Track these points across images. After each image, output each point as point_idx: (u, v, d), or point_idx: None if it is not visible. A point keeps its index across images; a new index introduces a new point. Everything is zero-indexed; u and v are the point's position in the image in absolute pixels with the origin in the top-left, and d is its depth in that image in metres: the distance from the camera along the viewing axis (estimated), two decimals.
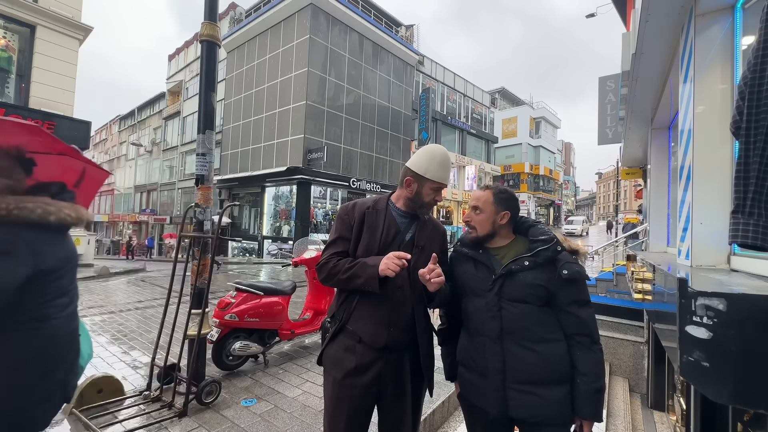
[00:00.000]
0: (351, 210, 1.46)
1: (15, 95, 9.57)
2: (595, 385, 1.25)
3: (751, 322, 1.15)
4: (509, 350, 1.29)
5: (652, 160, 4.41)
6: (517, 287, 1.30)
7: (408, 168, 1.45)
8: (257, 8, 19.52)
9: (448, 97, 25.47)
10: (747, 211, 1.16)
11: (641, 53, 2.79)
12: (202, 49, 2.84)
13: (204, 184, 2.80)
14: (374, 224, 1.42)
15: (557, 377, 1.27)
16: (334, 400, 1.36)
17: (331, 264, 1.38)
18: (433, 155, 1.43)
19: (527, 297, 1.29)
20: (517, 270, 1.30)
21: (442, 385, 3.01)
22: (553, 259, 1.30)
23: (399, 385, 1.38)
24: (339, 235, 1.44)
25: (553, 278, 1.29)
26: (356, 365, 1.33)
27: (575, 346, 1.29)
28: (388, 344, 1.35)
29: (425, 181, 1.42)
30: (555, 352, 1.27)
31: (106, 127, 38.86)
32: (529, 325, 1.28)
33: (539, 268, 1.30)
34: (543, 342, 1.28)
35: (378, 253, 1.37)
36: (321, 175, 15.69)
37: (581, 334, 1.28)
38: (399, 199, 1.49)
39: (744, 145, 1.17)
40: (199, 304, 2.65)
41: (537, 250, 1.31)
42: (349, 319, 1.38)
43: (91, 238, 10.58)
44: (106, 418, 2.38)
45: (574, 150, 58.93)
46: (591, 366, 1.26)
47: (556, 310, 1.30)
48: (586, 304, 1.31)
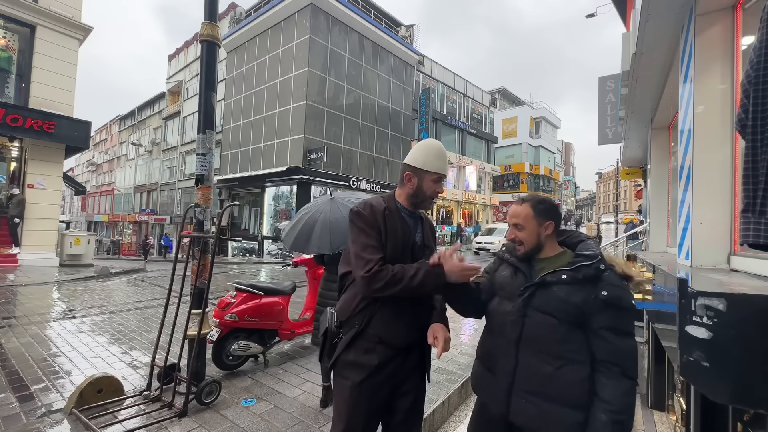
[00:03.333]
0: (372, 212, 1.40)
1: (15, 95, 9.56)
2: (618, 416, 1.10)
3: (751, 322, 1.15)
4: (524, 357, 1.24)
5: (652, 160, 4.41)
6: (548, 300, 1.23)
7: (406, 164, 1.46)
8: (257, 8, 19.51)
9: (448, 97, 25.46)
10: (758, 210, 1.14)
11: (641, 53, 2.79)
12: (202, 49, 2.84)
13: (204, 184, 2.80)
14: (394, 227, 1.41)
15: (569, 399, 1.17)
16: (352, 401, 1.35)
17: (388, 272, 1.28)
18: (429, 147, 1.45)
19: (556, 312, 1.21)
20: (552, 282, 1.23)
21: (443, 385, 3.02)
22: (594, 277, 1.20)
23: (410, 381, 1.44)
24: (376, 241, 1.36)
25: (589, 299, 1.18)
26: (379, 362, 1.34)
27: (602, 372, 1.16)
28: (410, 343, 1.40)
29: (425, 174, 1.43)
30: (573, 374, 1.17)
31: (106, 127, 38.86)
32: (550, 339, 1.21)
33: (577, 285, 1.21)
34: (562, 359, 1.19)
35: (402, 257, 1.38)
36: (321, 175, 15.69)
37: (612, 363, 1.15)
38: (402, 198, 1.49)
39: (751, 143, 1.16)
40: (199, 304, 2.65)
41: (578, 265, 1.22)
42: (370, 323, 1.37)
43: (91, 238, 10.55)
44: (106, 418, 2.38)
45: (574, 150, 58.91)
46: (617, 396, 1.12)
47: (588, 333, 1.19)
48: (626, 336, 1.18)
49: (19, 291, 6.33)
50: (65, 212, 41.90)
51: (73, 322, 4.59)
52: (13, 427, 2.26)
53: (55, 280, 7.51)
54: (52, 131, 9.16)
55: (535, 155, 34.69)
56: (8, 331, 4.11)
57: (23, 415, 2.41)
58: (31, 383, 2.85)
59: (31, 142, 9.38)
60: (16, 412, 2.43)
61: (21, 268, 8.71)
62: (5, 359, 3.31)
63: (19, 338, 3.89)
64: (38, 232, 9.49)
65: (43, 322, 4.55)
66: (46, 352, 3.55)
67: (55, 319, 4.71)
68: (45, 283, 7.13)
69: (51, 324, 4.48)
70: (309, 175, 15.25)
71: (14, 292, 6.24)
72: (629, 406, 1.14)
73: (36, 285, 6.92)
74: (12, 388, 2.77)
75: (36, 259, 9.20)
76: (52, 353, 3.52)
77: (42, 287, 6.79)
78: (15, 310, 5.08)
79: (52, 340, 3.91)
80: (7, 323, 4.43)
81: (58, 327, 4.38)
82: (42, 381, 2.91)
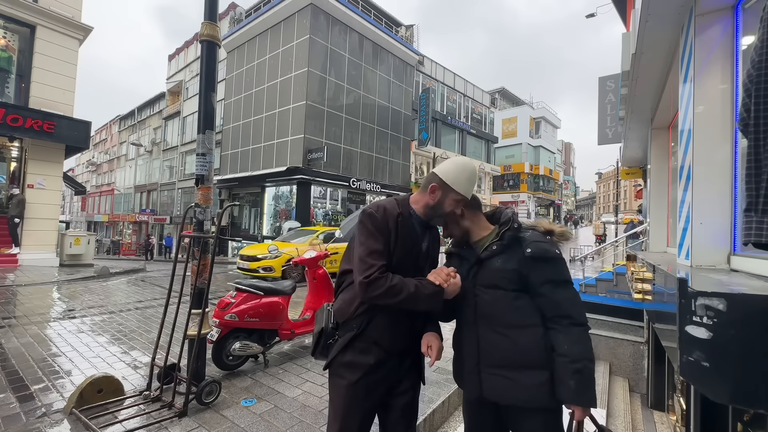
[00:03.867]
0: (384, 216, 1.37)
1: (15, 95, 9.56)
2: (574, 365, 1.18)
3: (751, 322, 1.15)
4: (483, 335, 1.31)
5: (652, 160, 4.41)
6: (489, 273, 1.32)
7: (436, 174, 1.41)
8: (257, 8, 19.51)
9: (448, 97, 25.46)
10: (760, 209, 1.14)
11: (641, 53, 2.79)
12: (202, 49, 2.84)
13: (204, 184, 2.80)
14: (406, 234, 1.39)
15: (530, 362, 1.24)
16: (347, 400, 1.36)
17: (387, 282, 1.26)
18: (465, 168, 1.41)
19: (499, 282, 1.29)
20: (487, 257, 1.33)
21: (443, 385, 3.02)
22: (517, 238, 1.31)
23: (405, 380, 1.44)
24: (383, 246, 1.33)
25: (522, 260, 1.27)
26: (375, 362, 1.35)
27: (553, 329, 1.24)
28: (405, 349, 1.41)
29: (450, 192, 1.39)
30: (529, 338, 1.25)
31: (106, 127, 38.86)
32: (501, 311, 1.29)
33: (508, 251, 1.30)
34: (516, 328, 1.26)
35: (407, 265, 1.38)
36: (321, 175, 15.69)
37: (559, 315, 1.24)
38: (417, 205, 1.45)
39: (753, 141, 1.15)
40: (199, 304, 2.65)
41: (501, 233, 1.34)
42: (367, 327, 1.37)
43: (90, 238, 10.55)
44: (106, 418, 2.38)
45: (574, 150, 58.91)
46: (569, 346, 1.20)
47: (533, 294, 1.28)
48: (563, 284, 1.27)
49: (19, 291, 6.32)
50: (65, 212, 41.91)
51: (73, 322, 4.59)
52: (13, 427, 2.26)
53: (55, 280, 7.51)
54: (52, 131, 9.15)
55: (535, 155, 34.70)
56: (8, 331, 4.11)
57: (23, 415, 2.41)
58: (31, 383, 2.85)
59: (31, 142, 9.38)
60: (16, 412, 2.43)
61: (21, 268, 8.71)
62: (5, 359, 3.31)
63: (19, 338, 3.89)
64: (38, 232, 9.49)
65: (43, 322, 4.55)
66: (46, 352, 3.55)
67: (55, 319, 4.71)
68: (45, 283, 7.13)
69: (51, 324, 4.48)
70: (309, 175, 15.25)
71: (14, 292, 6.23)
72: (584, 351, 1.20)
73: (36, 285, 6.92)
74: (12, 388, 2.77)
75: (36, 259, 9.20)
76: (52, 353, 3.52)
77: (42, 287, 6.79)
78: (15, 310, 5.08)
79: (52, 340, 3.91)
80: (7, 323, 4.42)
81: (58, 327, 4.38)
82: (42, 381, 2.91)
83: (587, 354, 1.21)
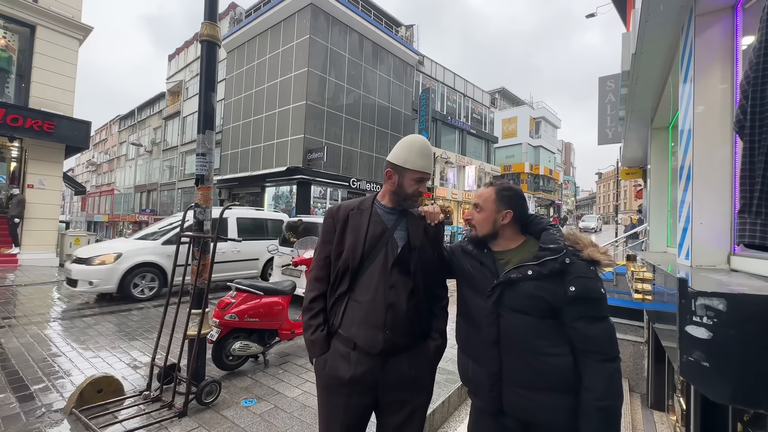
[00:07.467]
0: (336, 212, 1.43)
1: (15, 95, 9.56)
2: (599, 403, 1.10)
3: (751, 322, 1.15)
4: (506, 358, 1.22)
5: (652, 160, 4.41)
6: (518, 298, 1.20)
7: (387, 161, 1.42)
8: (257, 8, 19.51)
9: (448, 97, 25.46)
10: (754, 210, 1.14)
11: (641, 53, 2.78)
12: (202, 49, 2.84)
13: (204, 184, 2.80)
14: (358, 224, 1.38)
15: (558, 386, 1.17)
16: (327, 407, 1.32)
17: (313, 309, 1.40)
18: (412, 144, 1.39)
19: (527, 308, 1.19)
20: (517, 279, 1.20)
21: (443, 385, 3.01)
22: (560, 271, 1.17)
23: (397, 393, 1.31)
24: (324, 240, 1.42)
25: (558, 292, 1.16)
26: (350, 377, 1.26)
27: (583, 360, 1.15)
28: (385, 349, 1.27)
29: (406, 172, 1.38)
30: (557, 367, 1.16)
31: (105, 127, 38.86)
32: (527, 337, 1.19)
33: (543, 279, 1.17)
34: (543, 356, 1.17)
35: (364, 252, 1.33)
36: (321, 175, 15.69)
37: (591, 351, 1.14)
38: (384, 196, 1.45)
39: (749, 144, 1.16)
40: (199, 304, 2.65)
41: (543, 260, 1.18)
42: (341, 324, 1.32)
43: (90, 238, 10.55)
44: (106, 418, 2.38)
45: (574, 150, 58.92)
46: (597, 382, 1.11)
47: (563, 323, 1.18)
48: (600, 320, 1.16)
49: (19, 291, 6.32)
50: (65, 212, 41.89)
51: (73, 322, 4.59)
52: (13, 427, 2.26)
53: (55, 280, 7.51)
54: (52, 131, 9.15)
55: (535, 155, 34.70)
56: (8, 331, 4.11)
57: (23, 415, 2.41)
58: (31, 383, 2.86)
59: (31, 142, 9.38)
60: (16, 412, 2.43)
61: (21, 268, 8.71)
62: (5, 359, 3.31)
63: (19, 338, 3.89)
64: (38, 232, 9.49)
65: (43, 322, 4.55)
66: (46, 352, 3.55)
67: (55, 319, 4.71)
68: (45, 283, 7.12)
69: (51, 324, 4.48)
70: (309, 175, 15.25)
71: (14, 292, 6.23)
72: (613, 390, 1.12)
73: (36, 285, 6.92)
74: (12, 388, 2.77)
75: (36, 259, 9.20)
76: (52, 353, 3.52)
77: (42, 287, 6.79)
78: (15, 310, 5.08)
79: (52, 340, 3.91)
80: (7, 323, 4.42)
81: (58, 327, 4.38)
82: (42, 381, 2.91)
83: (616, 393, 1.13)
